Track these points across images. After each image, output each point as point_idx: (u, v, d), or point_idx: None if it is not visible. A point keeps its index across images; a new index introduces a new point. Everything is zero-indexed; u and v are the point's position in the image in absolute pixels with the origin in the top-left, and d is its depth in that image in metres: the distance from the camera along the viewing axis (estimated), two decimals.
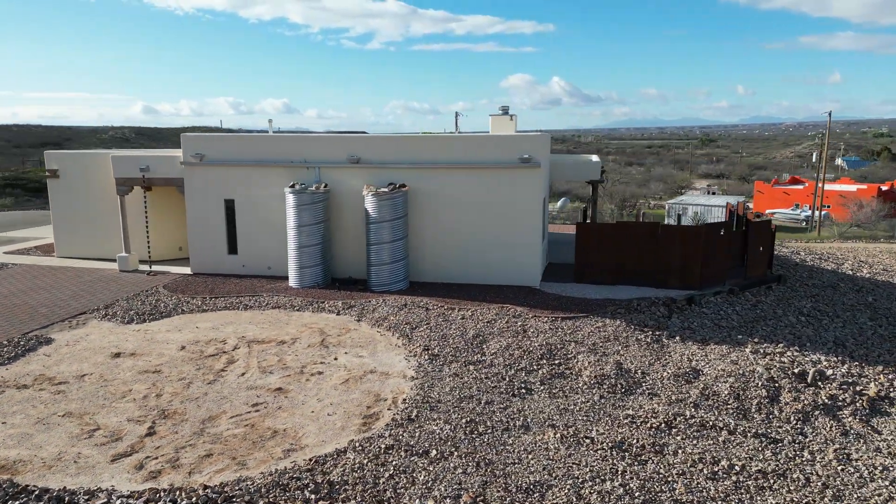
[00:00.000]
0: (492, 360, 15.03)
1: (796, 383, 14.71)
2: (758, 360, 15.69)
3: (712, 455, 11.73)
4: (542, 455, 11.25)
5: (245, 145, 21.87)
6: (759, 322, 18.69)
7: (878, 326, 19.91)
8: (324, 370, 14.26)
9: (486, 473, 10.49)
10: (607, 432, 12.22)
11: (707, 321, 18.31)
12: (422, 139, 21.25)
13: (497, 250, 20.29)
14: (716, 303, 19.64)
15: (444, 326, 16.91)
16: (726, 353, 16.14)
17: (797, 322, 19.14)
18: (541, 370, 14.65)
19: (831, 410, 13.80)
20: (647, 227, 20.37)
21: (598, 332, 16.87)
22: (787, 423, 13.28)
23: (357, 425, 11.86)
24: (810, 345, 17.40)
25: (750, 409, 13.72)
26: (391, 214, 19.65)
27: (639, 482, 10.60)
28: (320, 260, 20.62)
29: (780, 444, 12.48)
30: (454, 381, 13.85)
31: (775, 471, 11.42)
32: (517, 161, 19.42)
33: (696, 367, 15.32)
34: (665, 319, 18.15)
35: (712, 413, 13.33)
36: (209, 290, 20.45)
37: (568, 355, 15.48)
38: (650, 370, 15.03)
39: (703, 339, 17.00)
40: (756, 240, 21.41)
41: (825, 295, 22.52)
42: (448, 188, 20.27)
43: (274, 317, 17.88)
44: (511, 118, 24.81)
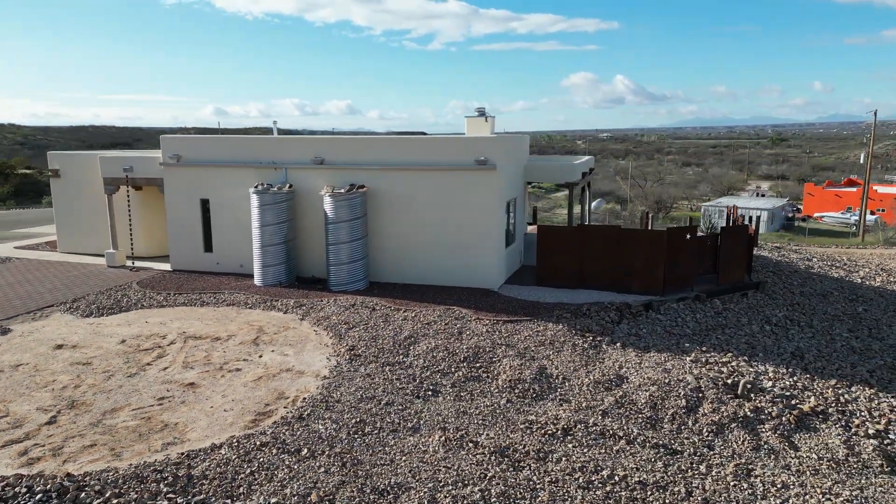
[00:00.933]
0: (413, 361, 15.13)
1: (723, 394, 14.28)
2: (692, 370, 15.31)
3: (597, 464, 11.57)
4: (417, 457, 11.32)
5: (218, 147, 22.57)
6: (716, 330, 18.17)
7: (853, 338, 19.07)
8: (243, 367, 14.66)
9: (348, 474, 10.65)
10: (497, 437, 12.19)
11: (658, 328, 17.90)
12: (381, 140, 21.48)
13: (455, 252, 20.33)
14: (676, 309, 19.16)
15: (381, 327, 17.08)
16: (663, 361, 15.78)
17: (760, 331, 18.51)
18: (458, 373, 14.68)
19: (751, 424, 13.37)
20: (609, 231, 20.05)
21: (536, 336, 16.74)
22: (697, 434, 12.95)
23: (246, 422, 12.18)
24: (763, 356, 16.83)
25: (663, 418, 13.42)
26: (349, 215, 19.94)
27: (502, 488, 10.56)
28: (284, 259, 21.10)
29: (678, 455, 12.19)
30: (363, 382, 14.02)
31: (657, 483, 11.18)
32: (473, 163, 19.41)
33: (622, 375, 15.05)
34: (613, 325, 17.85)
35: (618, 422, 13.10)
36: (177, 286, 21.20)
37: (493, 359, 15.43)
38: (573, 376, 14.85)
39: (646, 347, 16.65)
40: (729, 245, 20.75)
41: (807, 304, 21.67)
42: (408, 190, 20.44)
43: (223, 314, 18.42)
44: (486, 120, 24.72)
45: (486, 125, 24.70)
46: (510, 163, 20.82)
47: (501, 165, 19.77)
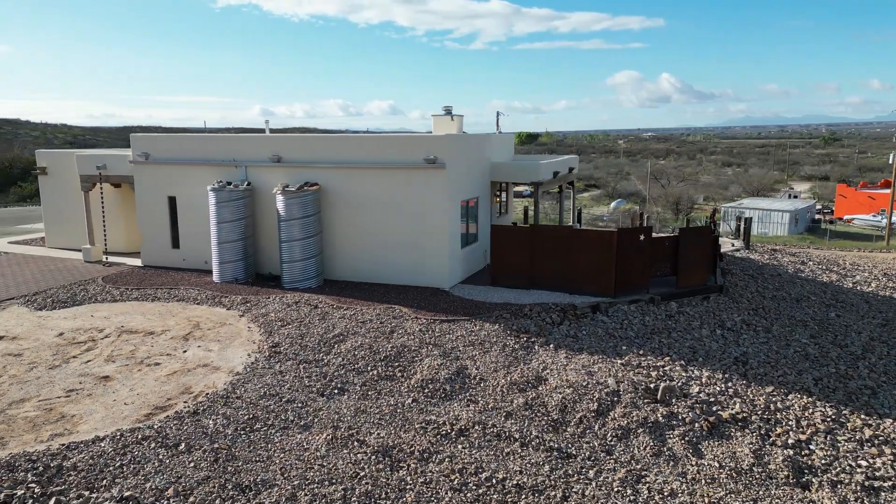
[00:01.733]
0: (332, 359, 15.17)
1: (641, 399, 13.96)
2: (618, 373, 15.00)
3: (479, 466, 11.43)
4: (295, 455, 11.35)
5: (184, 145, 22.97)
6: (661, 333, 17.74)
7: (812, 345, 18.43)
8: (163, 362, 14.89)
9: (216, 470, 10.73)
10: (386, 437, 12.14)
11: (600, 330, 17.58)
12: (334, 139, 21.57)
13: (406, 251, 20.30)
14: (626, 311, 18.78)
15: (315, 325, 17.16)
16: (591, 363, 15.49)
17: (709, 336, 18.01)
18: (373, 371, 14.65)
19: (660, 430, 13.03)
20: (560, 231, 19.76)
21: (468, 336, 16.60)
22: (600, 439, 12.69)
23: (140, 416, 12.37)
24: (704, 360, 16.38)
25: (569, 422, 13.19)
26: (301, 212, 20.08)
27: (368, 488, 10.52)
28: (241, 255, 21.36)
29: (571, 459, 11.97)
30: (272, 379, 14.11)
31: (535, 486, 11.01)
32: (422, 162, 19.34)
33: (543, 377, 14.83)
34: (552, 326, 17.59)
35: (520, 424, 12.92)
36: (138, 282, 21.65)
37: (415, 359, 15.37)
38: (491, 377, 14.68)
39: (580, 349, 16.37)
40: (689, 247, 20.24)
41: (774, 308, 21.01)
42: (360, 188, 20.48)
43: (169, 309, 18.74)
44: (452, 118, 24.58)
45: (453, 124, 24.56)
46: (464, 162, 20.66)
47: (452, 164, 19.66)
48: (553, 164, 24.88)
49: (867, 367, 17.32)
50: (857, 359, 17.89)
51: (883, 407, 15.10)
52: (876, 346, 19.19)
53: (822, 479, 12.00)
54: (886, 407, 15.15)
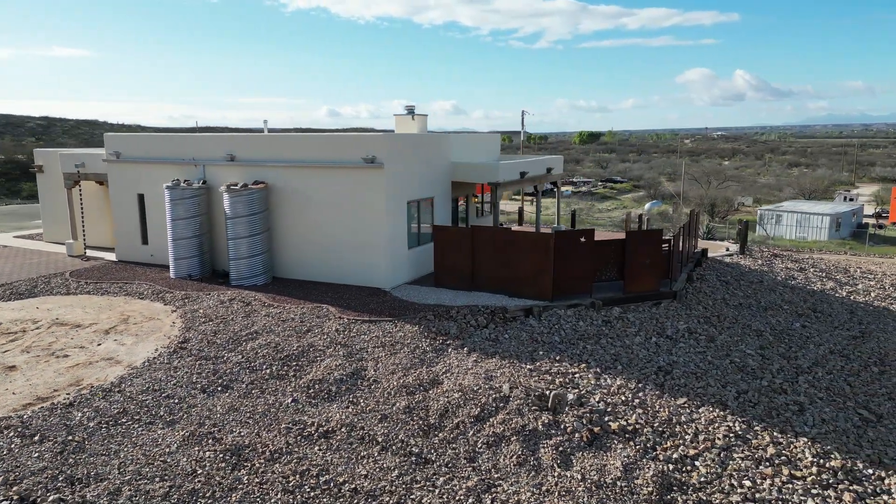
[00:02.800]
0: (233, 357, 15.35)
1: (529, 406, 13.58)
2: (519, 379, 14.63)
3: (325, 468, 11.40)
4: (143, 451, 11.55)
5: (151, 144, 23.67)
6: (589, 340, 17.21)
7: (755, 356, 17.59)
8: (72, 354, 15.39)
9: (57, 461, 11.04)
10: (245, 436, 12.22)
11: (524, 334, 17.19)
12: (280, 138, 21.76)
13: (349, 251, 20.34)
14: (560, 316, 18.29)
15: (237, 322, 17.40)
16: (496, 368, 15.18)
17: (641, 343, 17.37)
18: (267, 370, 14.76)
19: (536, 439, 12.68)
20: (498, 233, 19.39)
21: (382, 337, 16.52)
22: (469, 446, 12.45)
23: (20, 406, 12.83)
24: (622, 369, 15.82)
25: (444, 427, 12.98)
26: (247, 210, 20.39)
27: (198, 486, 10.63)
28: (197, 252, 21.84)
29: (427, 465, 11.79)
30: (164, 374, 14.39)
31: (372, 491, 10.91)
32: (362, 161, 19.33)
33: (439, 380, 14.65)
34: (475, 329, 17.30)
35: (392, 427, 12.82)
36: (101, 276, 22.41)
37: (316, 358, 15.40)
38: (385, 379, 14.57)
39: (494, 353, 16.04)
40: (637, 250, 19.55)
41: (730, 316, 20.10)
42: (306, 187, 20.64)
43: (111, 303, 19.35)
44: (413, 118, 24.43)
45: (414, 123, 24.44)
46: (410, 161, 20.53)
47: (392, 164, 19.58)
48: (520, 164, 24.48)
49: (808, 382, 16.38)
50: (801, 373, 16.95)
51: (804, 425, 14.25)
52: (831, 359, 18.13)
53: (690, 497, 11.45)
54: (808, 425, 14.29)
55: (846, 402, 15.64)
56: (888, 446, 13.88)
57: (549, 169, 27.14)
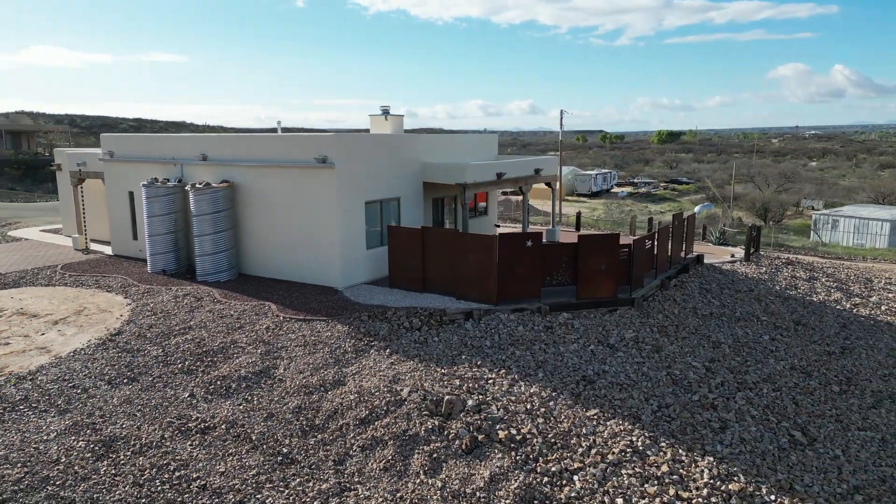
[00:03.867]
0: (154, 350, 15.86)
1: (419, 411, 13.42)
2: (423, 383, 14.46)
3: (186, 463, 11.66)
4: (19, 437, 12.12)
5: (139, 145, 24.70)
6: (522, 346, 16.81)
7: (700, 369, 16.79)
8: (13, 343, 16.27)
9: None
10: (126, 428, 12.62)
11: (456, 338, 16.96)
12: (242, 139, 22.23)
13: (305, 249, 20.60)
14: (501, 320, 17.93)
15: (177, 317, 17.94)
16: (407, 371, 15.07)
17: (577, 351, 16.83)
18: (181, 364, 15.17)
19: (413, 444, 12.61)
20: (446, 234, 19.17)
21: (309, 335, 16.66)
22: (342, 448, 12.48)
23: None
24: (542, 376, 15.42)
25: (327, 428, 13.03)
26: (211, 208, 20.97)
27: (53, 473, 11.06)
28: (172, 248, 22.62)
29: (290, 465, 11.90)
30: (80, 365, 15.01)
31: (220, 488, 11.10)
32: (314, 161, 19.54)
33: (344, 381, 14.66)
34: (406, 331, 17.20)
35: (272, 425, 12.94)
36: (87, 269, 23.54)
37: (232, 354, 15.72)
38: (292, 378, 14.72)
39: (416, 356, 15.92)
40: (590, 255, 18.92)
41: (691, 325, 19.21)
42: (267, 186, 21.04)
43: (79, 294, 20.31)
44: (386, 119, 24.40)
45: (387, 124, 24.45)
46: (367, 161, 20.57)
47: (346, 164, 19.70)
48: (498, 165, 24.10)
49: (746, 399, 15.48)
50: (744, 388, 16.03)
51: (718, 444, 13.50)
52: (789, 375, 17.07)
53: None
54: (723, 444, 13.52)
55: (781, 423, 14.68)
56: (807, 472, 12.98)
57: (538, 170, 26.59)
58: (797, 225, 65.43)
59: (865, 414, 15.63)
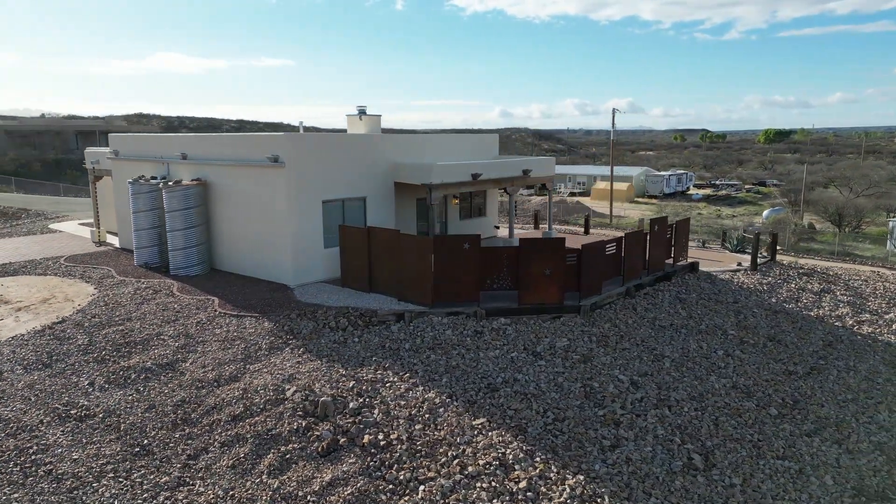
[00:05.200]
0: (82, 339, 16.73)
1: (294, 411, 13.48)
2: (314, 383, 14.50)
3: (44, 448, 12.28)
4: None
5: (138, 144, 26.00)
6: (439, 350, 16.50)
7: (622, 383, 15.92)
8: None
9: None
10: (15, 411, 13.42)
11: (377, 339, 16.87)
12: (208, 138, 22.85)
13: (262, 246, 21.06)
14: (431, 323, 17.67)
15: (127, 308, 18.80)
16: (310, 370, 15.17)
17: (496, 357, 16.36)
18: (99, 353, 15.90)
19: (272, 443, 12.69)
20: (388, 235, 19.03)
21: (232, 331, 17.07)
22: (204, 444, 12.72)
23: None
24: (446, 382, 15.13)
25: (200, 422, 13.34)
26: (181, 205, 21.81)
27: None
28: (156, 242, 23.68)
29: (145, 456, 12.29)
30: (10, 350, 16.07)
31: (63, 474, 11.57)
32: (267, 160, 19.93)
33: (238, 377, 14.92)
34: (331, 331, 17.26)
35: (148, 416, 13.37)
36: (85, 261, 25.06)
37: (151, 346, 16.32)
38: (193, 371, 15.14)
39: (325, 356, 15.97)
40: (532, 260, 18.30)
41: (638, 336, 18.24)
42: (231, 184, 21.65)
43: (60, 283, 21.67)
44: (361, 118, 24.40)
45: (361, 123, 24.51)
46: (322, 161, 20.72)
47: (298, 163, 19.98)
48: (475, 165, 23.70)
49: (657, 416, 14.56)
50: (662, 405, 15.05)
51: (600, 462, 12.83)
52: (727, 395, 15.95)
53: None
54: (606, 463, 12.84)
55: (685, 444, 13.69)
56: (687, 499, 12.09)
57: (527, 171, 25.95)
58: (877, 233, 60.47)
59: (793, 441, 14.33)
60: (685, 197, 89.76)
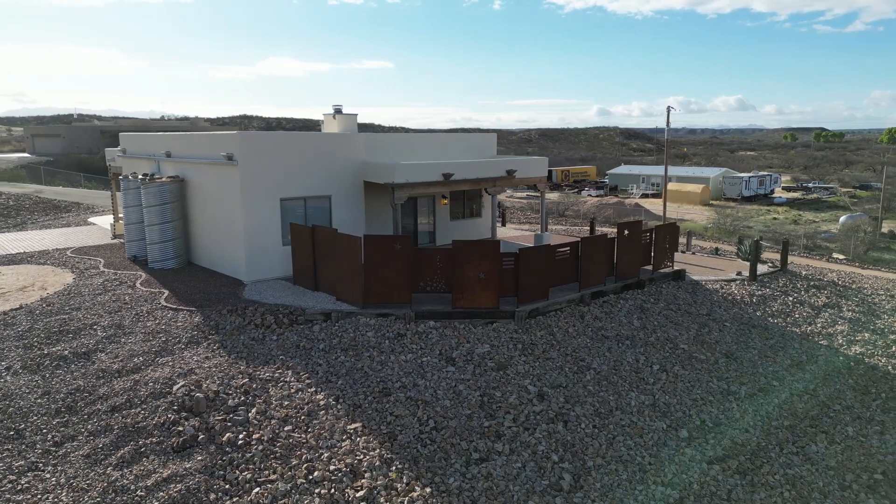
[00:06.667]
0: (26, 325, 17.64)
1: (170, 406, 13.73)
2: (207, 380, 14.73)
3: None
4: None
5: (140, 143, 27.26)
6: (350, 352, 16.36)
7: (527, 394, 15.26)
8: None
9: None
10: None
11: (295, 338, 16.92)
12: (183, 137, 23.50)
13: (223, 242, 21.55)
14: (358, 324, 17.51)
15: (85, 297, 19.72)
16: (212, 366, 15.42)
17: (406, 361, 16.06)
18: (30, 340, 16.75)
19: (132, 436, 12.96)
20: (326, 234, 18.97)
21: (163, 324, 17.54)
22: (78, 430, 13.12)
23: None
24: (342, 384, 15.04)
25: (81, 412, 13.80)
26: (157, 201, 22.69)
27: None
28: (143, 236, 24.71)
29: (13, 441, 12.83)
30: None
31: None
32: (223, 159, 20.38)
33: (140, 369, 15.35)
34: (254, 328, 17.43)
35: (34, 403, 13.97)
36: (88, 253, 26.51)
37: (82, 336, 16.99)
38: (107, 361, 15.68)
39: (237, 353, 16.17)
40: (466, 262, 17.75)
41: (570, 346, 17.41)
42: (201, 181, 22.28)
43: (48, 272, 23.02)
44: (334, 118, 24.35)
45: (335, 122, 24.50)
46: (279, 159, 20.90)
47: (252, 161, 20.29)
48: (447, 165, 23.26)
49: (547, 432, 13.89)
50: (559, 420, 14.26)
51: (451, 477, 12.38)
52: (636, 413, 14.93)
53: None
54: (463, 477, 12.36)
55: (563, 463, 12.90)
56: None
57: (511, 171, 25.20)
58: None
59: (689, 468, 13.20)
60: (767, 200, 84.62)
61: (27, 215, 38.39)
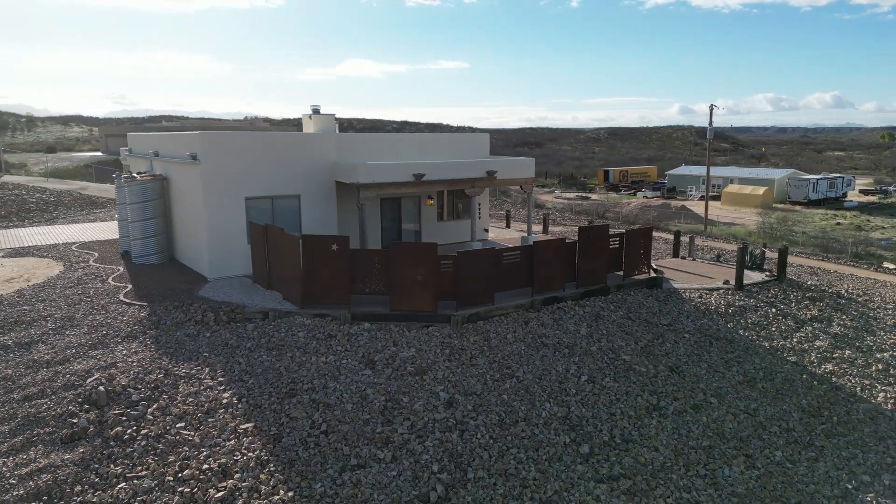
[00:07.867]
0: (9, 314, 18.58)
1: (77, 398, 14.23)
2: (121, 375, 15.18)
3: None
4: None
5: (142, 143, 28.33)
6: (275, 352, 16.47)
7: (435, 400, 14.97)
8: None
9: None
10: None
11: (227, 336, 17.18)
12: (164, 136, 24.14)
13: (190, 239, 22.14)
14: (293, 324, 17.64)
15: (56, 290, 20.66)
16: (137, 361, 15.86)
17: (325, 364, 16.05)
18: None
19: (26, 426, 13.46)
20: (274, 233, 19.15)
21: (111, 319, 18.16)
22: None
23: None
24: (253, 383, 15.14)
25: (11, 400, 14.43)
26: (139, 198, 23.54)
27: None
28: None
29: None
30: None
31: None
32: (188, 158, 20.93)
33: (67, 361, 15.95)
34: (193, 325, 17.81)
35: None
36: (91, 248, 27.79)
37: (34, 326, 17.82)
38: (39, 352, 16.37)
39: (165, 349, 16.57)
40: (403, 265, 17.56)
41: (500, 353, 16.96)
42: (176, 179, 22.94)
43: (40, 264, 24.26)
44: (311, 118, 24.43)
45: (311, 122, 24.62)
46: (245, 158, 21.25)
47: (214, 160, 20.72)
48: (418, 166, 23.07)
49: (440, 442, 13.53)
50: (456, 430, 13.90)
51: (320, 482, 12.29)
52: (543, 425, 14.35)
53: None
54: (333, 483, 12.26)
55: (442, 473, 12.57)
56: None
57: (491, 172, 24.74)
58: None
59: (572, 485, 12.57)
60: (837, 204, 79.78)
61: (63, 210, 40.61)
